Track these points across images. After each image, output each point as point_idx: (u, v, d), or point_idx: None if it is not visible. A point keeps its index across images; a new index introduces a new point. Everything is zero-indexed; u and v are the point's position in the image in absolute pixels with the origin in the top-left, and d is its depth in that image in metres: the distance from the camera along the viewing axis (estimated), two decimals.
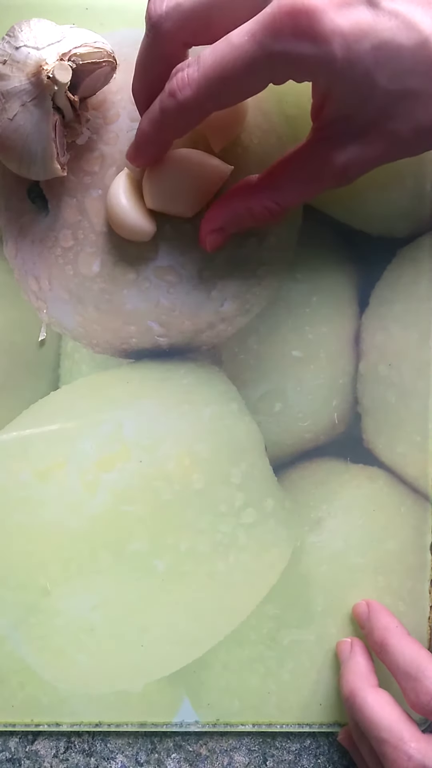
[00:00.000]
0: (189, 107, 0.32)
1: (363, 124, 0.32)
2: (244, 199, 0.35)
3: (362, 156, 0.33)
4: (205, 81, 0.31)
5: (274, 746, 0.40)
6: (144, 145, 0.36)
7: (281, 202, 0.35)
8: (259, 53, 0.30)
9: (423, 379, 0.40)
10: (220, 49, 0.31)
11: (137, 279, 0.39)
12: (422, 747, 0.32)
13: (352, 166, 0.33)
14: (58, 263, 0.39)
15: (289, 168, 0.34)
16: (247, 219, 0.36)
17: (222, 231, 0.36)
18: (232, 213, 0.36)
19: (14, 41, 0.34)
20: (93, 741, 0.40)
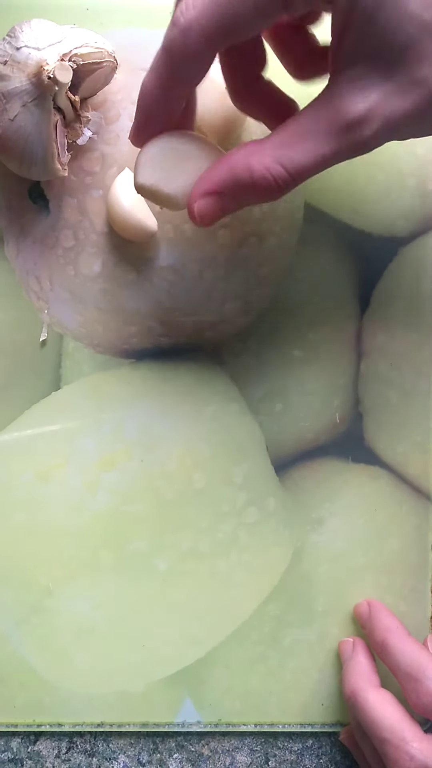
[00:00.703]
0: (193, 35, 0.28)
1: (388, 64, 0.27)
2: (245, 156, 0.30)
3: (385, 107, 0.28)
4: (210, 2, 0.28)
5: (276, 746, 0.40)
6: (148, 112, 0.31)
7: (287, 163, 0.29)
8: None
9: (424, 379, 0.40)
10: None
11: (138, 279, 0.39)
12: (424, 747, 0.32)
13: (373, 117, 0.28)
14: (59, 263, 0.39)
15: (300, 121, 0.29)
16: (247, 185, 0.30)
17: (216, 196, 0.31)
18: (229, 172, 0.30)
19: (15, 42, 0.34)
20: (95, 741, 0.40)
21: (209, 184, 0.31)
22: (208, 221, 0.31)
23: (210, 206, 0.31)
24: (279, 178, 0.29)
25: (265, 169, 0.29)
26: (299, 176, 0.29)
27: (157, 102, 0.31)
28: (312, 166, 0.29)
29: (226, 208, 0.31)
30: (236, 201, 0.31)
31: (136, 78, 0.39)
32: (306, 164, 0.29)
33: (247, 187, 0.30)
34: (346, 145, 0.28)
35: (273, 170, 0.29)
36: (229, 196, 0.30)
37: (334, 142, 0.28)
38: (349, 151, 0.29)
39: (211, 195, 0.31)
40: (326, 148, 0.29)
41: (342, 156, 0.29)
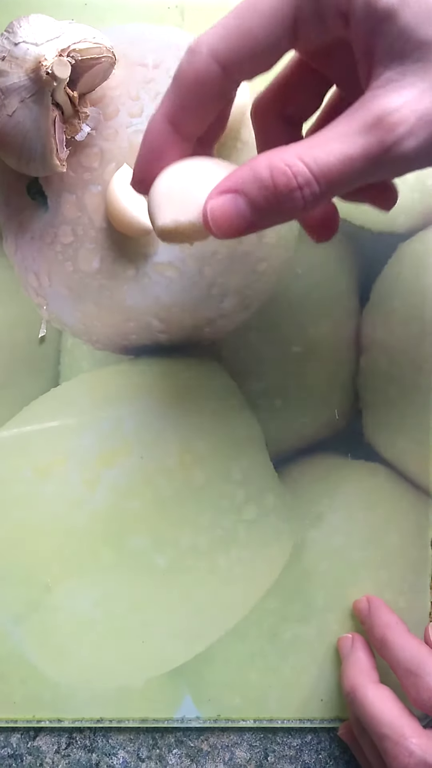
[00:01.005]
0: (201, 56, 0.27)
1: (420, 62, 0.25)
2: (269, 154, 0.27)
3: (419, 102, 0.25)
4: (220, 25, 0.27)
5: (275, 741, 0.40)
6: (152, 152, 0.29)
7: (309, 161, 0.26)
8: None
9: (424, 375, 0.40)
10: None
11: (137, 275, 0.39)
12: (423, 743, 0.32)
13: (406, 112, 0.25)
14: (58, 259, 0.39)
15: (331, 126, 0.26)
16: (267, 185, 0.26)
17: (232, 196, 0.27)
18: (249, 170, 0.27)
19: (13, 37, 0.34)
20: (94, 737, 0.40)
21: (226, 182, 0.27)
22: (223, 225, 0.27)
23: (225, 207, 0.27)
24: (300, 176, 0.26)
25: (285, 166, 0.26)
26: (324, 179, 0.26)
27: (164, 139, 0.29)
28: (337, 168, 0.26)
29: (245, 214, 0.27)
30: (256, 207, 0.27)
31: (134, 73, 0.39)
32: (330, 164, 0.26)
33: (267, 186, 0.26)
34: (376, 144, 0.25)
35: (294, 167, 0.26)
36: (248, 197, 0.27)
37: (362, 141, 0.25)
38: (381, 152, 0.25)
39: (227, 193, 0.27)
40: (354, 148, 0.25)
41: (373, 159, 0.25)
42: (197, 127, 0.29)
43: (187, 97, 0.28)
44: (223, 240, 0.36)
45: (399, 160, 0.26)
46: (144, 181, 0.30)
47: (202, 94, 0.28)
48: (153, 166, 0.29)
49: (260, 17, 0.27)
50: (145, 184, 0.30)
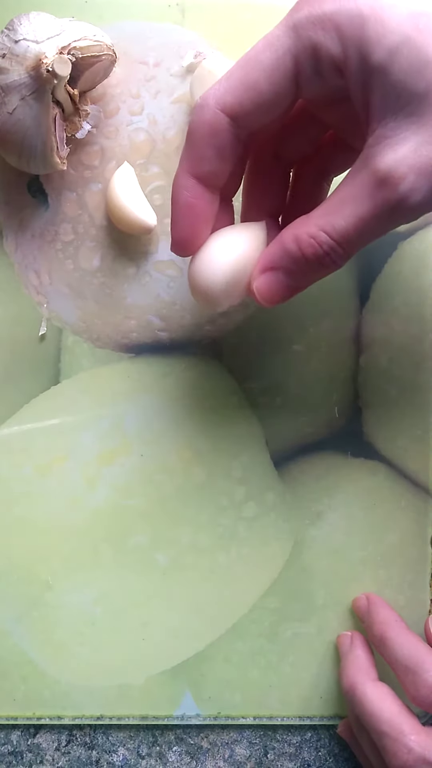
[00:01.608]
0: (209, 107, 0.29)
1: (416, 115, 0.27)
2: (293, 229, 0.30)
3: (416, 157, 0.27)
4: (226, 78, 0.29)
5: (275, 739, 0.40)
6: (183, 211, 0.31)
7: (329, 230, 0.29)
8: (281, 29, 0.28)
9: (423, 373, 0.40)
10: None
11: (138, 273, 0.39)
12: (422, 740, 0.32)
13: (405, 169, 0.27)
14: (59, 257, 0.39)
15: (340, 189, 0.29)
16: (298, 257, 0.30)
17: (272, 273, 0.31)
18: (281, 247, 0.30)
19: (13, 34, 0.34)
20: (94, 734, 0.40)
21: (264, 261, 0.31)
22: (271, 298, 0.31)
23: (269, 283, 0.31)
24: (325, 245, 0.29)
25: (310, 238, 0.29)
26: (345, 242, 0.29)
27: (191, 193, 0.31)
28: (354, 230, 0.28)
29: (287, 284, 0.31)
30: (295, 276, 0.31)
31: (135, 71, 0.39)
32: (348, 228, 0.28)
33: (298, 259, 0.30)
34: (382, 203, 0.28)
35: (318, 238, 0.29)
36: (285, 270, 0.31)
37: (370, 202, 0.28)
38: (389, 210, 0.28)
39: (267, 272, 0.31)
40: (364, 209, 0.28)
41: (384, 217, 0.28)
42: (219, 177, 0.31)
43: (202, 149, 0.30)
44: None
45: (407, 213, 0.28)
46: (185, 241, 0.32)
47: (216, 145, 0.30)
48: (188, 223, 0.31)
49: (263, 70, 0.28)
50: (189, 245, 0.32)
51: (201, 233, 0.32)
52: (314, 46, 0.27)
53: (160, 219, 0.39)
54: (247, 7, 0.39)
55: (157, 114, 0.39)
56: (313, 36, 0.27)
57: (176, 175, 0.31)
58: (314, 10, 0.27)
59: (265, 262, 0.31)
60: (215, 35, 0.39)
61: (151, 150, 0.39)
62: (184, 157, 0.31)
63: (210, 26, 0.39)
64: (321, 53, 0.27)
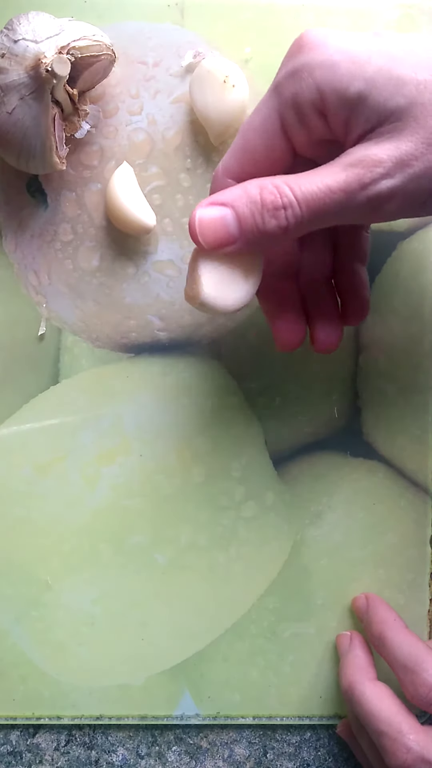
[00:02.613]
0: (219, 174, 0.32)
1: (397, 127, 0.28)
2: (261, 179, 0.30)
3: (396, 151, 0.28)
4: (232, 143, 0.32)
5: (274, 739, 0.40)
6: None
7: (294, 186, 0.29)
8: (267, 93, 0.30)
9: (422, 373, 0.40)
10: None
11: (137, 273, 0.39)
12: (421, 739, 0.32)
13: (384, 157, 0.28)
14: (58, 257, 0.39)
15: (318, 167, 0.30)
16: (255, 201, 0.29)
17: (220, 207, 0.30)
18: (241, 187, 0.30)
19: (13, 34, 0.34)
20: (94, 734, 0.40)
21: (219, 195, 0.30)
22: (207, 234, 0.30)
23: (212, 216, 0.30)
24: (285, 197, 0.29)
25: (273, 187, 0.29)
26: (305, 204, 0.29)
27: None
28: (319, 195, 0.28)
29: (230, 227, 0.30)
30: (242, 222, 0.30)
31: (134, 71, 0.39)
32: (313, 192, 0.28)
33: (254, 202, 0.29)
34: (354, 178, 0.28)
35: (280, 189, 0.29)
36: (236, 210, 0.30)
37: (341, 175, 0.28)
38: (358, 187, 0.28)
39: (216, 205, 0.30)
40: (335, 180, 0.28)
41: (352, 192, 0.28)
42: None
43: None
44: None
45: (374, 199, 0.28)
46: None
47: None
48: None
49: (255, 132, 0.30)
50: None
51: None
52: (293, 97, 0.29)
53: (159, 219, 0.39)
54: (247, 7, 0.39)
55: (156, 114, 0.39)
56: (292, 89, 0.29)
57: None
58: (289, 67, 0.29)
59: (220, 197, 0.30)
60: (214, 35, 0.39)
61: (150, 150, 0.39)
62: None
63: (209, 26, 0.39)
64: (300, 101, 0.29)
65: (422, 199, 0.29)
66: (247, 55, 0.39)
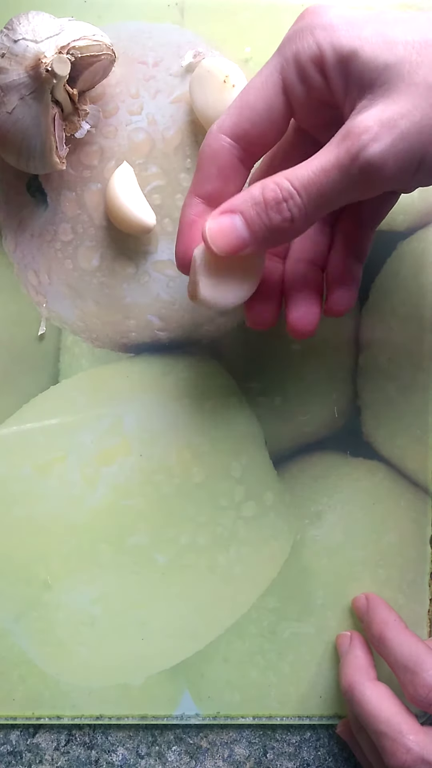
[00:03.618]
0: (213, 133, 0.32)
1: (386, 85, 0.28)
2: (263, 179, 0.31)
3: (382, 114, 0.28)
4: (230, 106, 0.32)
5: (274, 738, 0.40)
6: (187, 232, 0.33)
7: (292, 178, 0.29)
8: (271, 57, 0.31)
9: (422, 373, 0.40)
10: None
11: (137, 273, 0.39)
12: (421, 739, 0.32)
13: (370, 123, 0.28)
14: (58, 257, 0.39)
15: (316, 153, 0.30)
16: (258, 202, 0.30)
17: (230, 215, 0.31)
18: (245, 192, 0.31)
19: (12, 34, 0.34)
20: (94, 734, 0.40)
21: (225, 204, 0.31)
22: (221, 242, 0.31)
23: (222, 225, 0.31)
24: (285, 191, 0.29)
25: (274, 184, 0.30)
26: (305, 191, 0.29)
27: (198, 212, 0.32)
28: (316, 179, 0.29)
29: (241, 231, 0.31)
30: (251, 223, 0.30)
31: (134, 71, 0.39)
32: (310, 177, 0.29)
33: (258, 203, 0.30)
34: (345, 152, 0.28)
35: (280, 184, 0.29)
36: (244, 214, 0.30)
37: (333, 153, 0.29)
38: (349, 159, 0.28)
39: (225, 214, 0.31)
40: (326, 161, 0.29)
41: (345, 167, 0.28)
42: (222, 196, 0.32)
43: (205, 170, 0.32)
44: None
45: (366, 167, 0.28)
46: (186, 258, 0.33)
47: (218, 165, 0.32)
48: (189, 240, 0.33)
49: (255, 90, 0.31)
50: (186, 261, 0.33)
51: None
52: (295, 55, 0.30)
53: (159, 219, 0.39)
54: (247, 7, 0.39)
55: (156, 114, 0.39)
56: (293, 47, 0.30)
57: (186, 196, 0.33)
58: (291, 31, 0.31)
59: (227, 205, 0.31)
60: (214, 35, 0.39)
61: (150, 150, 0.39)
62: (193, 180, 0.33)
63: (209, 26, 0.39)
64: (301, 57, 0.30)
65: (416, 160, 0.29)
66: (247, 55, 0.39)
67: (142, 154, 0.39)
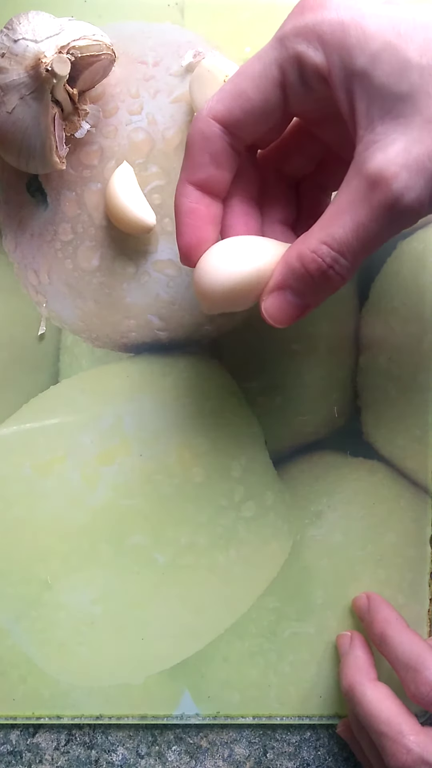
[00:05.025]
0: (203, 117, 0.31)
1: (402, 116, 0.27)
2: (296, 246, 0.30)
3: (406, 155, 0.27)
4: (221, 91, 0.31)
5: (274, 738, 0.40)
6: (188, 222, 0.32)
7: (329, 241, 0.29)
8: (269, 43, 0.29)
9: (423, 373, 0.40)
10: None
11: (137, 273, 0.39)
12: (421, 740, 0.32)
13: (396, 168, 0.27)
14: (58, 257, 0.39)
15: (336, 200, 0.29)
16: (303, 274, 0.30)
17: (280, 292, 0.31)
18: (286, 266, 0.30)
19: (13, 34, 0.34)
20: (94, 733, 0.40)
21: (272, 281, 0.31)
22: (281, 318, 0.32)
23: (277, 304, 0.31)
24: (327, 258, 0.29)
25: (311, 253, 0.29)
26: (347, 251, 0.29)
27: (192, 200, 0.32)
28: (354, 238, 0.28)
29: (295, 303, 0.31)
30: (302, 294, 0.31)
31: (134, 71, 0.39)
32: (347, 237, 0.28)
33: (303, 276, 0.30)
34: (378, 205, 0.27)
35: (319, 251, 0.29)
36: (292, 289, 0.31)
37: (366, 206, 0.28)
38: (385, 211, 0.28)
39: (275, 292, 0.31)
40: (361, 215, 0.28)
41: (382, 220, 0.28)
42: (216, 183, 0.32)
43: (197, 157, 0.31)
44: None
45: (405, 212, 0.28)
46: (190, 247, 0.32)
47: (210, 152, 0.31)
48: (194, 228, 0.32)
49: (251, 79, 0.30)
50: (194, 250, 0.32)
51: (205, 238, 0.32)
52: (298, 56, 0.28)
53: (160, 218, 0.39)
54: (246, 7, 0.39)
55: (156, 113, 0.39)
56: (297, 46, 0.28)
57: (178, 184, 0.32)
58: (298, 22, 0.29)
59: (273, 283, 0.31)
60: (214, 35, 0.39)
61: (150, 149, 0.39)
62: (182, 168, 0.32)
63: (209, 26, 0.39)
64: (305, 62, 0.28)
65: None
66: (247, 55, 0.39)
67: (142, 154, 0.39)
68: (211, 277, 0.31)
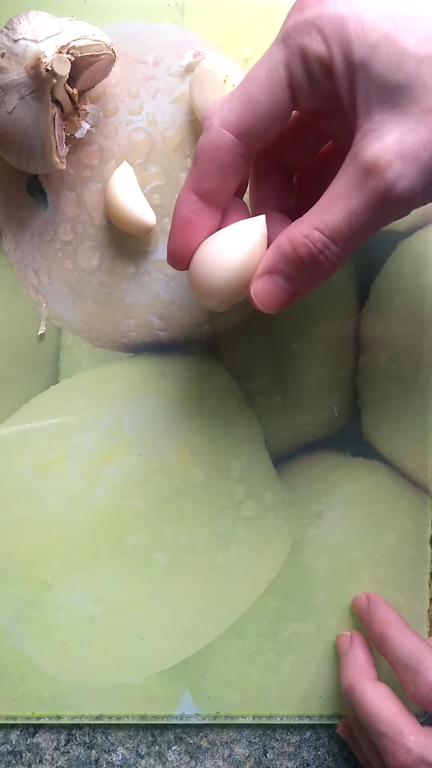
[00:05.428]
0: (214, 125, 0.30)
1: (399, 106, 0.28)
2: (288, 231, 0.30)
3: (401, 144, 0.27)
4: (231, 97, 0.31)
5: (274, 738, 0.40)
6: (184, 224, 0.32)
7: (321, 227, 0.29)
8: (273, 45, 0.30)
9: (423, 372, 0.40)
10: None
11: (137, 272, 0.39)
12: (421, 740, 0.32)
13: (390, 157, 0.27)
14: (58, 257, 0.39)
15: (332, 187, 0.29)
16: (293, 258, 0.30)
17: (269, 277, 0.31)
18: (276, 250, 0.31)
19: (12, 34, 0.34)
20: (94, 733, 0.40)
21: (262, 265, 0.31)
22: (269, 303, 0.31)
23: (266, 287, 0.31)
24: (318, 243, 0.29)
25: (303, 238, 0.29)
26: (339, 238, 0.29)
27: (193, 210, 0.32)
28: (346, 224, 0.29)
29: (285, 287, 0.31)
30: (292, 279, 0.31)
31: (134, 71, 0.39)
32: (339, 223, 0.29)
33: (294, 260, 0.30)
34: (371, 193, 0.28)
35: (311, 236, 0.29)
36: (282, 274, 0.31)
37: (359, 193, 0.28)
38: (378, 199, 0.28)
39: (265, 275, 0.31)
40: (354, 202, 0.28)
41: (374, 208, 0.28)
42: (221, 194, 0.32)
43: (206, 167, 0.31)
44: None
45: (397, 201, 0.28)
46: (181, 256, 0.33)
47: (220, 163, 0.31)
48: (186, 238, 0.32)
49: (259, 83, 0.30)
50: (182, 258, 0.33)
51: (195, 248, 0.33)
52: (302, 51, 0.29)
53: (159, 218, 0.39)
54: (246, 7, 0.39)
55: (156, 113, 0.39)
56: (300, 41, 0.29)
57: (181, 191, 0.32)
58: (298, 18, 0.29)
59: (263, 266, 0.31)
60: (214, 35, 0.39)
61: (150, 149, 0.39)
62: (189, 175, 0.32)
63: (209, 26, 0.39)
64: (309, 55, 0.29)
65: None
66: (247, 55, 0.39)
67: (142, 153, 0.39)
68: (204, 276, 0.32)
